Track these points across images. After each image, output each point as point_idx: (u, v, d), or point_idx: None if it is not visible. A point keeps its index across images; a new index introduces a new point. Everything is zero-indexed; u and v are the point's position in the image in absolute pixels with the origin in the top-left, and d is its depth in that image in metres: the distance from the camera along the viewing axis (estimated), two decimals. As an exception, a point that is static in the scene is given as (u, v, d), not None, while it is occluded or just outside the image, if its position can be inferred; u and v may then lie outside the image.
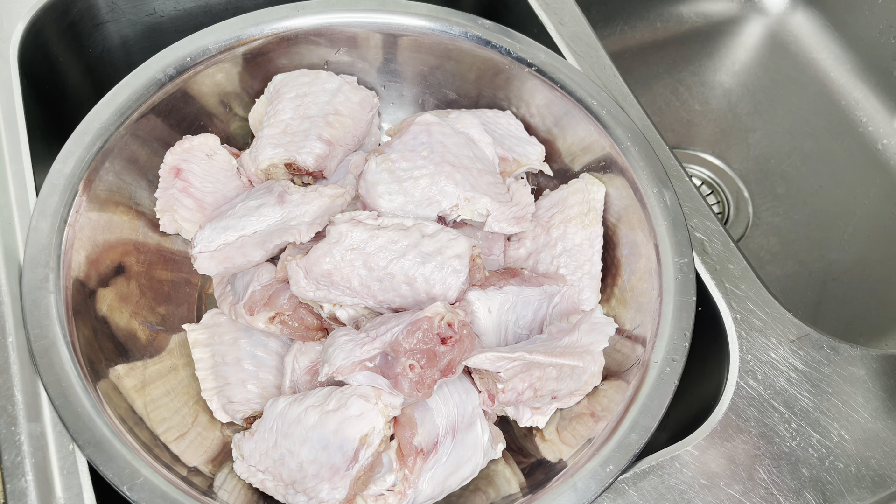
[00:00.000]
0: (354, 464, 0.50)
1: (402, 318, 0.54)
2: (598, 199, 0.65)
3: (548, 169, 0.70)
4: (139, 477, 0.48)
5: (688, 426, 0.59)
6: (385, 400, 0.52)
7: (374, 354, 0.53)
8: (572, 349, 0.55)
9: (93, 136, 0.60)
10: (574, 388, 0.57)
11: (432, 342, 0.52)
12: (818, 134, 1.02)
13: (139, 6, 0.80)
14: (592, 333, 0.57)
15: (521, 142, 0.70)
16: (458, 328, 0.53)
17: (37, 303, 0.53)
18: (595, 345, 0.56)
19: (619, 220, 0.65)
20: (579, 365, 0.55)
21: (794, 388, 0.60)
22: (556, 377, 0.55)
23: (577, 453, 0.54)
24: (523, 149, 0.69)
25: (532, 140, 0.70)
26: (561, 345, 0.56)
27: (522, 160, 0.69)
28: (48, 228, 0.56)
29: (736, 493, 0.56)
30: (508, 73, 0.69)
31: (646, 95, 1.05)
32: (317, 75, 0.70)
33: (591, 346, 0.56)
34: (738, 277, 0.64)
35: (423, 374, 0.52)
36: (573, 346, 0.56)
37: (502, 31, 0.69)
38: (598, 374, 0.58)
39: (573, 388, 0.57)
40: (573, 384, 0.57)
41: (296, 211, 0.61)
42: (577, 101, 0.66)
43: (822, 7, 1.06)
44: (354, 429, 0.51)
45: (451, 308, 0.54)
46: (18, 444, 0.53)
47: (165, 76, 0.65)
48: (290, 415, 0.53)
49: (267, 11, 0.68)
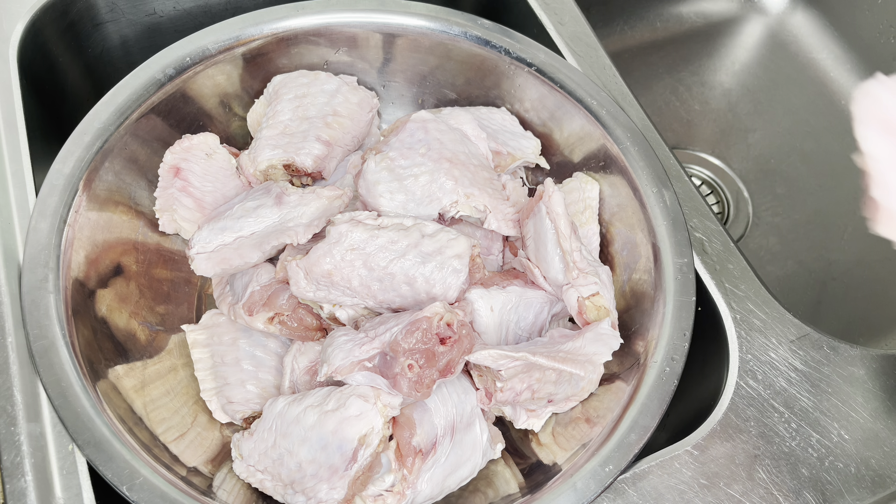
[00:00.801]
0: (353, 464, 0.50)
1: (402, 318, 0.54)
2: (593, 197, 0.66)
3: (544, 162, 0.70)
4: (138, 477, 0.48)
5: (688, 426, 0.59)
6: (384, 400, 0.52)
7: (373, 354, 0.53)
8: (574, 356, 0.55)
9: (92, 136, 0.60)
10: (570, 393, 0.57)
11: (431, 342, 0.52)
12: (818, 134, 1.02)
13: (139, 6, 0.80)
14: (597, 344, 0.57)
15: (515, 136, 0.70)
16: (457, 328, 0.53)
17: (36, 303, 0.53)
18: (598, 356, 0.56)
19: (618, 220, 0.65)
20: (580, 374, 0.55)
21: (794, 388, 0.60)
22: (554, 381, 0.55)
23: (573, 457, 0.54)
24: (518, 143, 0.70)
25: (527, 134, 0.71)
26: (564, 349, 0.56)
27: (517, 154, 0.69)
28: (48, 228, 0.56)
29: (736, 493, 0.56)
30: (508, 73, 0.69)
31: (646, 95, 1.05)
32: (316, 76, 0.70)
33: (593, 356, 0.56)
34: (738, 277, 0.64)
35: (421, 374, 0.52)
36: (576, 352, 0.56)
37: (502, 31, 0.69)
38: (595, 383, 0.57)
39: (569, 393, 0.57)
40: (570, 389, 0.57)
41: (293, 212, 0.61)
42: (577, 101, 0.66)
43: (822, 7, 1.06)
44: (353, 429, 0.51)
45: (451, 308, 0.54)
46: (18, 444, 0.53)
47: (165, 76, 0.65)
48: (289, 415, 0.53)
49: (267, 11, 0.68)
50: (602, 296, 0.58)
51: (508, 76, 0.69)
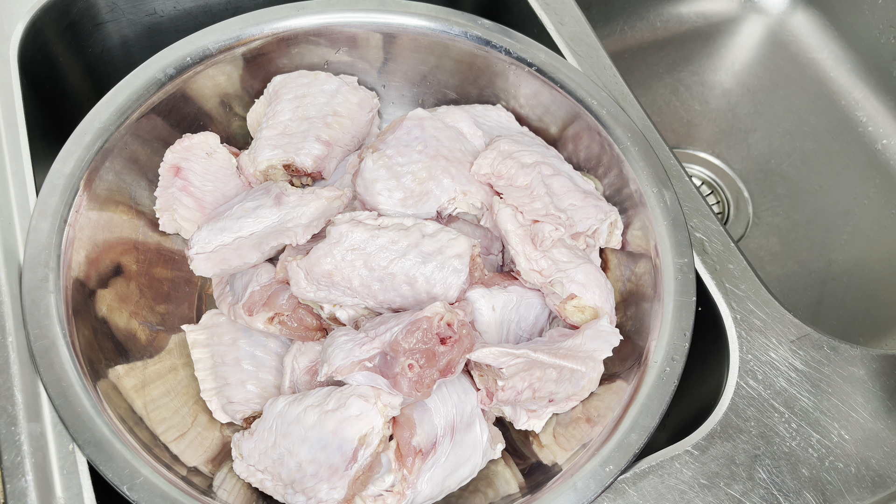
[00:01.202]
0: (353, 464, 0.50)
1: (402, 318, 0.54)
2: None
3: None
4: (139, 477, 0.48)
5: (688, 426, 0.59)
6: (384, 400, 0.52)
7: (374, 354, 0.53)
8: (575, 353, 0.55)
9: (93, 136, 0.60)
10: (571, 392, 0.57)
11: (431, 342, 0.52)
12: (818, 134, 1.02)
13: (139, 6, 0.80)
14: (597, 341, 0.57)
15: (511, 132, 0.70)
16: (457, 328, 0.53)
17: (37, 303, 0.53)
18: (598, 352, 0.56)
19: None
20: (581, 370, 0.55)
21: (794, 388, 0.60)
22: (555, 379, 0.55)
23: (573, 457, 0.54)
24: None
25: (524, 130, 0.71)
26: (564, 346, 0.56)
27: None
28: (48, 228, 0.56)
29: (736, 493, 0.56)
30: (508, 72, 0.69)
31: (646, 95, 1.05)
32: (315, 76, 0.70)
33: (594, 352, 0.56)
34: (738, 277, 0.64)
35: (422, 374, 0.52)
36: (576, 349, 0.56)
37: (502, 31, 0.69)
38: (595, 382, 0.58)
39: (570, 392, 0.57)
40: (571, 388, 0.57)
41: (293, 213, 0.61)
42: (578, 100, 0.66)
43: (822, 7, 1.06)
44: (353, 429, 0.51)
45: (451, 308, 0.54)
46: (18, 444, 0.53)
47: (165, 76, 0.65)
48: (290, 414, 0.53)
49: (267, 11, 0.68)
50: (582, 296, 0.58)
51: (508, 76, 0.69)
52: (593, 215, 0.60)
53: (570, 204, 0.61)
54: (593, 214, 0.60)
